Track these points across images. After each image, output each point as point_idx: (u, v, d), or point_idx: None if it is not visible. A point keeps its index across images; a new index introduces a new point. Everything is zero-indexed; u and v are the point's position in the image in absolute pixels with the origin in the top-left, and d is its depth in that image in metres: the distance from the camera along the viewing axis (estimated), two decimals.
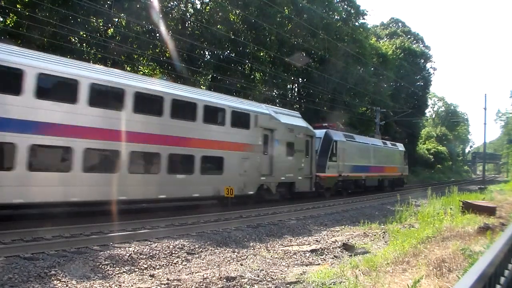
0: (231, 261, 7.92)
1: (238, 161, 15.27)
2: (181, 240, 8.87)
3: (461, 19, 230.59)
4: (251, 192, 15.87)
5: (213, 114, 14.60)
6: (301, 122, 19.43)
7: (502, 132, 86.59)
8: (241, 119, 15.64)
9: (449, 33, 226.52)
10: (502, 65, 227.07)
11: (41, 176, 10.00)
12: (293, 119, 19.04)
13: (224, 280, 6.23)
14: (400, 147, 32.64)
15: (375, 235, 10.66)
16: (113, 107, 11.55)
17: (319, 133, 21.41)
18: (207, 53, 28.64)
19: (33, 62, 9.98)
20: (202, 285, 6.01)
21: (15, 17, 19.03)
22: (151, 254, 7.74)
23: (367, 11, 47.41)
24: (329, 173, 21.16)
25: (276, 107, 20.05)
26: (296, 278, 6.39)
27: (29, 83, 9.76)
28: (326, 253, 8.73)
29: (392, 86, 49.58)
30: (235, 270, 6.96)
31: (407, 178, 34.07)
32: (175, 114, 13.11)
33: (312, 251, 8.77)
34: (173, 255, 7.95)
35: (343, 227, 12.59)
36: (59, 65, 10.65)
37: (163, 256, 7.80)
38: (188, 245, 8.60)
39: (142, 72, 25.01)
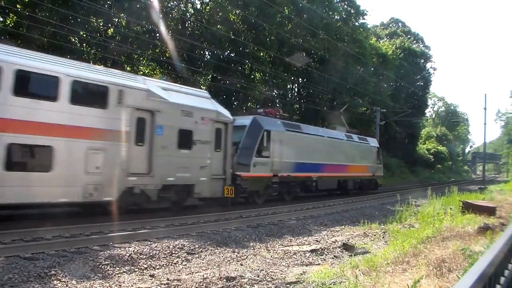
0: (231, 261, 7.93)
1: (84, 153, 10.64)
2: (181, 240, 8.87)
3: (461, 19, 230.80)
4: (110, 198, 11.15)
5: (34, 84, 10.23)
6: (208, 104, 14.52)
7: (502, 132, 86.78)
8: (91, 94, 11.19)
9: (449, 33, 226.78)
10: (502, 65, 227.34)
11: None
12: (194, 99, 14.02)
13: (224, 280, 6.23)
14: (372, 142, 27.18)
15: (375, 235, 10.66)
16: None
17: (243, 120, 16.72)
18: (207, 53, 28.66)
19: None
20: (202, 285, 6.01)
21: (15, 17, 19.03)
22: (151, 254, 7.75)
23: (367, 11, 47.51)
24: (256, 172, 16.00)
25: (167, 82, 14.60)
26: (296, 278, 6.39)
27: None
28: (326, 253, 8.73)
29: (392, 86, 49.65)
30: (235, 270, 6.96)
31: (383, 179, 28.56)
32: None
33: (312, 251, 8.77)
34: (173, 255, 7.95)
35: (343, 227, 12.60)
36: None
37: (163, 256, 7.80)
38: (188, 245, 8.60)
39: (142, 72, 25.04)
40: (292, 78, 35.18)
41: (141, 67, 25.53)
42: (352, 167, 23.39)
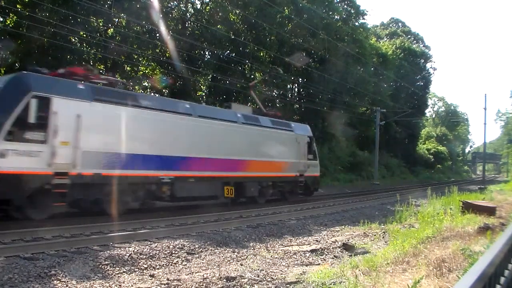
0: (231, 261, 7.92)
1: None
2: (181, 240, 8.87)
3: (461, 19, 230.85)
4: None
5: None
6: None
7: (502, 132, 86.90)
8: None
9: (449, 33, 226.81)
10: (502, 65, 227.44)
11: None
12: None
13: (224, 280, 6.23)
14: (300, 129, 18.95)
15: (375, 235, 10.65)
16: None
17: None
18: (207, 53, 28.68)
19: None
20: (202, 285, 6.01)
21: (15, 17, 19.03)
22: (151, 254, 7.74)
23: (367, 11, 47.63)
24: (6, 167, 9.14)
25: None
26: (296, 278, 6.38)
27: None
28: (326, 253, 8.72)
29: (392, 86, 49.72)
30: (235, 270, 6.96)
31: (317, 181, 19.84)
32: None
33: (312, 251, 8.76)
34: (173, 255, 7.95)
35: (343, 227, 12.59)
36: None
37: (163, 256, 7.80)
38: (188, 245, 8.60)
39: (142, 72, 25.03)
40: (292, 78, 35.20)
41: (141, 67, 25.54)
42: (255, 163, 15.82)
